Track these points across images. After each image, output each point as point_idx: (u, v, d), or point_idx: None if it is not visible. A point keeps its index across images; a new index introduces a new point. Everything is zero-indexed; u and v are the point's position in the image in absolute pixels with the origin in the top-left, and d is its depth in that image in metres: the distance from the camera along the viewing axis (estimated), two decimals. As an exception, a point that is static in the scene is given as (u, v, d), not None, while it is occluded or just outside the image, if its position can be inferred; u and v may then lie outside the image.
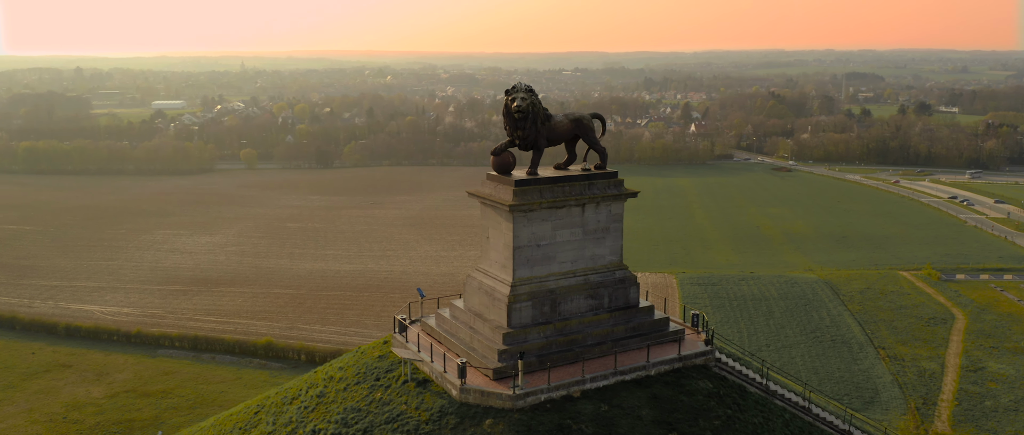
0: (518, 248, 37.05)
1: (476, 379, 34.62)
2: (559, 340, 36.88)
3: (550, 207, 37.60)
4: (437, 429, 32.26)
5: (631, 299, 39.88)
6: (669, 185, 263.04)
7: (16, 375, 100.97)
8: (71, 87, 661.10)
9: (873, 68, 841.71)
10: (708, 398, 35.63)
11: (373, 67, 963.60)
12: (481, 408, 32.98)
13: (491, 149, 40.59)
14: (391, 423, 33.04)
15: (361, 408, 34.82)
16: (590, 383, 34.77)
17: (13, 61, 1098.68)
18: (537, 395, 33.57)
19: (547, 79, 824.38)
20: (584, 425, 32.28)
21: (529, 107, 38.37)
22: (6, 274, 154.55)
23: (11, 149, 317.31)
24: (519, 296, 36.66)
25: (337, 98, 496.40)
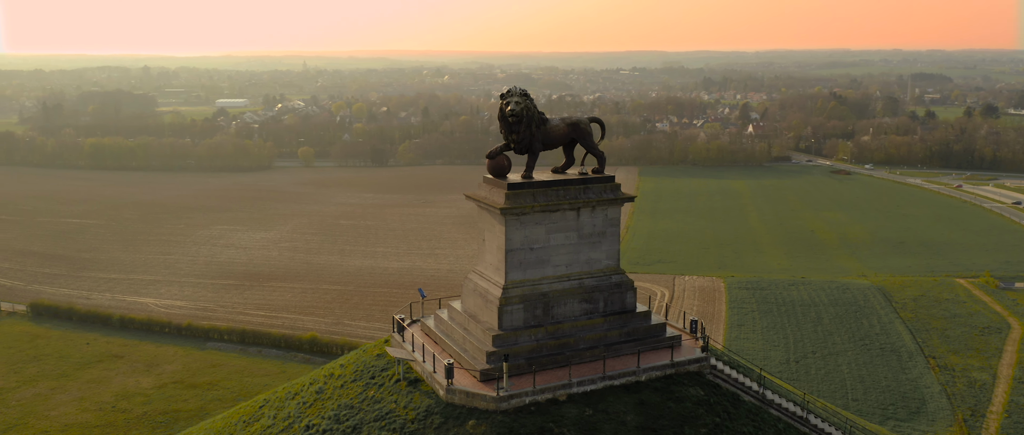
0: (510, 251, 36.97)
1: (464, 380, 34.70)
2: (550, 343, 36.66)
3: (543, 210, 37.40)
4: (422, 428, 32.47)
5: (627, 304, 39.43)
6: (723, 187, 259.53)
7: (70, 364, 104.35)
8: (139, 85, 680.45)
9: (941, 69, 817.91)
10: (697, 405, 35.09)
11: (431, 67, 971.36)
12: (466, 409, 33.06)
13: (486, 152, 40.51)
14: (379, 421, 33.35)
15: (354, 405, 35.22)
16: (577, 387, 34.52)
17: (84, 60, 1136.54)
18: (521, 397, 33.46)
19: (604, 78, 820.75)
20: (566, 429, 32.13)
21: (523, 111, 38.28)
22: (68, 266, 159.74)
23: (78, 145, 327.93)
24: (510, 299, 36.56)
25: (394, 97, 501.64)
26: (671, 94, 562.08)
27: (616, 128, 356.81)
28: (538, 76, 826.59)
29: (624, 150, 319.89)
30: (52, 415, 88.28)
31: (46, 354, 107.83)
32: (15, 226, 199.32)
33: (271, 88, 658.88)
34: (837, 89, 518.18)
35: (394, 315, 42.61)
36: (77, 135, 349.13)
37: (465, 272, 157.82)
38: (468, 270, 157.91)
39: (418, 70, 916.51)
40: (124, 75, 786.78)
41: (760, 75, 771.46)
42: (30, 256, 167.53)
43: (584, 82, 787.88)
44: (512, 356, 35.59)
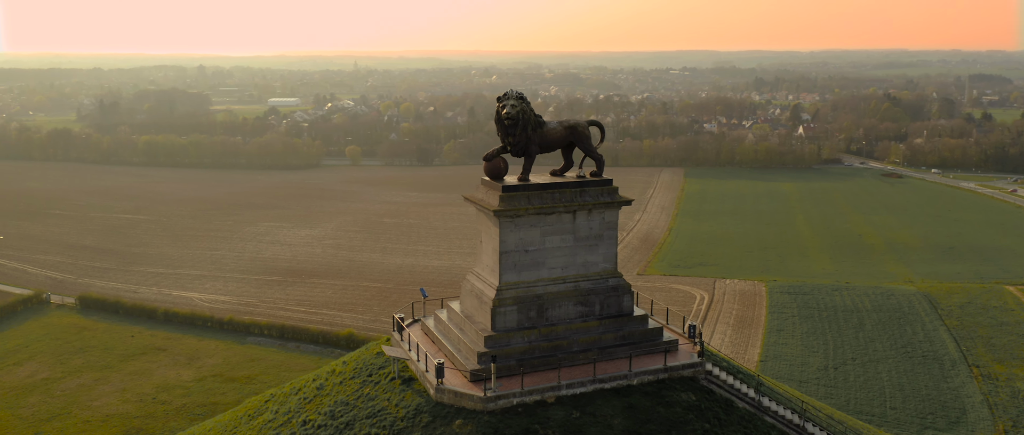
0: (505, 253, 36.99)
1: (455, 380, 34.85)
2: (542, 345, 36.60)
3: (538, 213, 37.34)
4: (410, 426, 32.73)
5: (624, 307, 39.15)
6: (770, 190, 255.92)
7: (115, 356, 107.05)
8: (193, 84, 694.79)
9: (1001, 70, 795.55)
10: (687, 411, 34.69)
11: (479, 67, 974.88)
12: (454, 408, 33.23)
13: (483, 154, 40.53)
14: (371, 418, 33.70)
15: (349, 402, 35.66)
16: (566, 389, 34.42)
17: (142, 59, 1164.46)
18: (509, 398, 33.48)
19: (653, 78, 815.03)
20: (551, 431, 32.08)
21: (519, 114, 38.32)
22: (118, 261, 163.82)
23: (133, 142, 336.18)
24: (504, 300, 36.59)
25: (441, 97, 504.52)
26: (721, 94, 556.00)
27: (662, 129, 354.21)
28: (586, 76, 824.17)
29: (670, 151, 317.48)
30: (94, 405, 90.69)
31: (92, 346, 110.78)
32: (69, 221, 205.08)
33: (322, 88, 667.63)
34: (892, 90, 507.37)
35: (394, 314, 43.02)
36: (132, 132, 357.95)
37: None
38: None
39: (466, 70, 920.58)
40: (180, 74, 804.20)
41: (813, 75, 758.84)
42: (82, 250, 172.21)
43: (633, 82, 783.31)
44: (503, 357, 35.66)
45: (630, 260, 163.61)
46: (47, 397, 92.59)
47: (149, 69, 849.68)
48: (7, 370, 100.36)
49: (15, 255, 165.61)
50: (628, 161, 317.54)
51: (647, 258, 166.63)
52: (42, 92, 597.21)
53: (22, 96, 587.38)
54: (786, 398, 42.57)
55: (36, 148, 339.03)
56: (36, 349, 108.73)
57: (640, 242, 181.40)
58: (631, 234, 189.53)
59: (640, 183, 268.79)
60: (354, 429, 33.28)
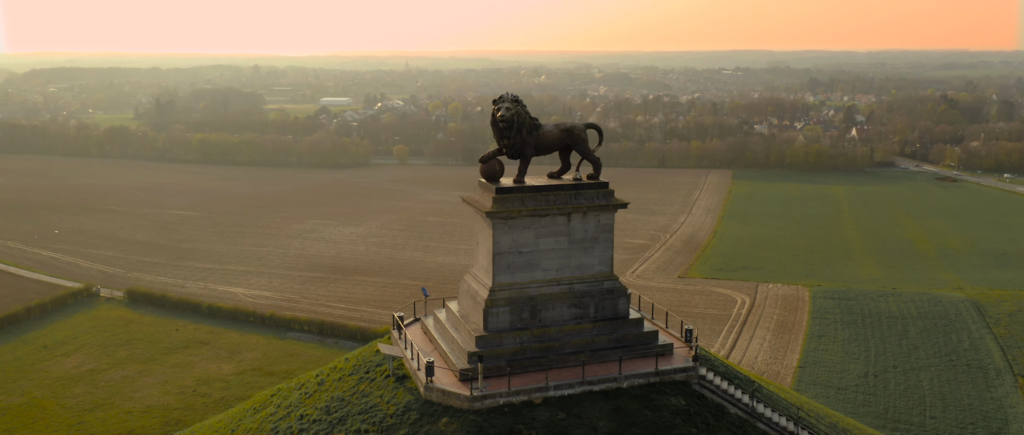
0: (498, 254, 37.09)
1: (446, 379, 35.04)
2: (534, 346, 36.58)
3: (532, 215, 37.36)
4: (399, 423, 33.08)
5: (619, 310, 38.93)
6: (820, 193, 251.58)
7: (159, 349, 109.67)
8: (248, 84, 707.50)
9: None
10: (675, 415, 34.37)
11: (529, 67, 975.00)
12: (442, 407, 33.47)
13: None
14: (363, 414, 34.14)
15: (345, 398, 36.17)
16: (554, 391, 34.37)
17: (199, 59, 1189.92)
18: (496, 398, 33.56)
19: (705, 78, 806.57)
20: (536, 431, 32.13)
21: (513, 117, 38.49)
22: (167, 255, 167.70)
23: (187, 140, 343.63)
24: (497, 301, 36.68)
25: (489, 97, 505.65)
26: (775, 95, 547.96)
27: (711, 130, 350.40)
28: (636, 76, 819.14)
29: (718, 152, 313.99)
30: (136, 397, 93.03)
31: (137, 338, 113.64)
32: (122, 216, 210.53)
33: (373, 87, 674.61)
34: (950, 92, 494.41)
35: (394, 313, 43.43)
36: (186, 131, 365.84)
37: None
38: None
39: (516, 70, 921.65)
40: (235, 74, 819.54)
41: (870, 76, 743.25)
42: (133, 245, 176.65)
43: (684, 82, 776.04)
44: (492, 357, 35.79)
45: (672, 263, 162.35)
46: (91, 388, 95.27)
47: (206, 68, 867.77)
48: (55, 361, 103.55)
49: (68, 249, 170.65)
50: (675, 162, 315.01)
51: (689, 261, 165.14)
52: (102, 91, 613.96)
53: (83, 94, 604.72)
54: (785, 404, 41.87)
55: (94, 145, 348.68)
56: (84, 341, 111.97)
57: (683, 245, 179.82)
58: (674, 237, 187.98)
59: (686, 185, 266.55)
60: (346, 424, 33.86)
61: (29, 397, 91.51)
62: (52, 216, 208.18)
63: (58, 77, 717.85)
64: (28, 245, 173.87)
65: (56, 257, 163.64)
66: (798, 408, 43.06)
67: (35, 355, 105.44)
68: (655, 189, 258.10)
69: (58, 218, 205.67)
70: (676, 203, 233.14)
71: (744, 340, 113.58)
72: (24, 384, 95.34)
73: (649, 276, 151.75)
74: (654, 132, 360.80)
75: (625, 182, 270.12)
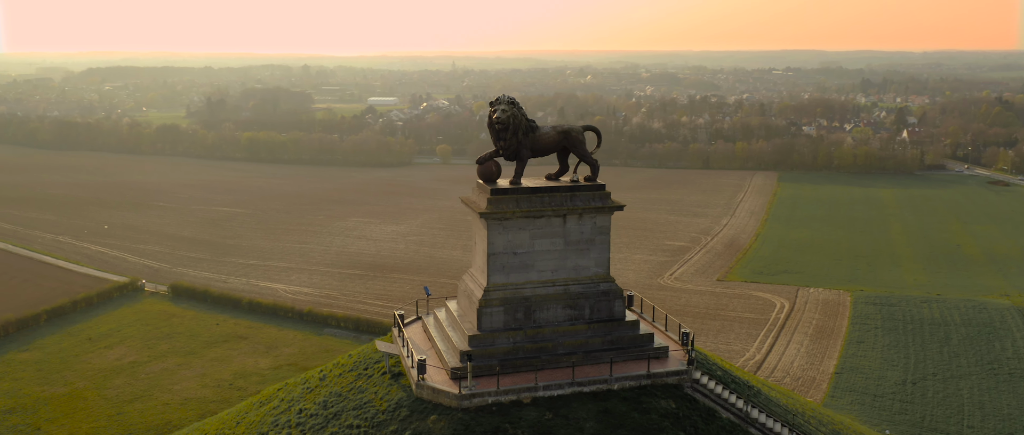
0: (493, 255, 37.30)
1: (438, 377, 35.33)
2: (527, 347, 36.70)
3: (527, 216, 37.49)
4: (389, 419, 33.53)
5: (615, 312, 38.82)
6: (867, 196, 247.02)
7: (199, 343, 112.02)
8: (298, 83, 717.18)
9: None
10: (663, 418, 34.17)
11: (575, 66, 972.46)
12: (432, 404, 33.84)
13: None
14: (357, 410, 34.67)
15: (342, 393, 36.76)
16: (543, 391, 34.45)
17: (251, 59, 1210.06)
18: (484, 397, 33.78)
19: (755, 78, 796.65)
20: (521, 431, 32.28)
21: (509, 119, 38.75)
22: (212, 251, 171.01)
23: (235, 138, 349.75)
24: (491, 301, 36.88)
25: (533, 97, 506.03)
26: (826, 95, 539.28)
27: (757, 131, 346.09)
28: (684, 75, 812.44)
29: (764, 154, 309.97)
30: (175, 389, 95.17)
31: (178, 332, 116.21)
32: (170, 212, 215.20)
33: (420, 87, 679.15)
34: (1006, 94, 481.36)
35: (395, 311, 43.92)
36: (236, 129, 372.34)
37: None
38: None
39: (562, 70, 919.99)
40: (285, 73, 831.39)
41: (924, 77, 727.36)
42: (179, 241, 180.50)
43: (733, 82, 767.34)
44: (484, 357, 36.04)
45: (711, 266, 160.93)
46: (132, 379, 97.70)
47: (257, 68, 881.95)
48: (98, 353, 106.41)
49: (117, 244, 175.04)
50: (720, 164, 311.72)
51: (729, 264, 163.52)
52: (156, 89, 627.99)
53: (137, 93, 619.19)
54: (784, 410, 41.33)
55: (145, 142, 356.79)
56: (127, 334, 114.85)
57: (724, 247, 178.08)
58: (716, 239, 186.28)
59: (730, 187, 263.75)
60: (340, 419, 34.49)
61: (72, 387, 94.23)
62: (103, 212, 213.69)
63: (114, 76, 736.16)
64: (78, 240, 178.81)
65: (105, 252, 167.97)
66: (794, 413, 42.47)
67: (80, 347, 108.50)
68: (698, 191, 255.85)
69: (108, 214, 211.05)
70: (719, 205, 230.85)
71: (781, 345, 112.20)
72: (68, 375, 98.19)
73: (687, 279, 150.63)
74: (699, 133, 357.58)
75: (668, 183, 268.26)
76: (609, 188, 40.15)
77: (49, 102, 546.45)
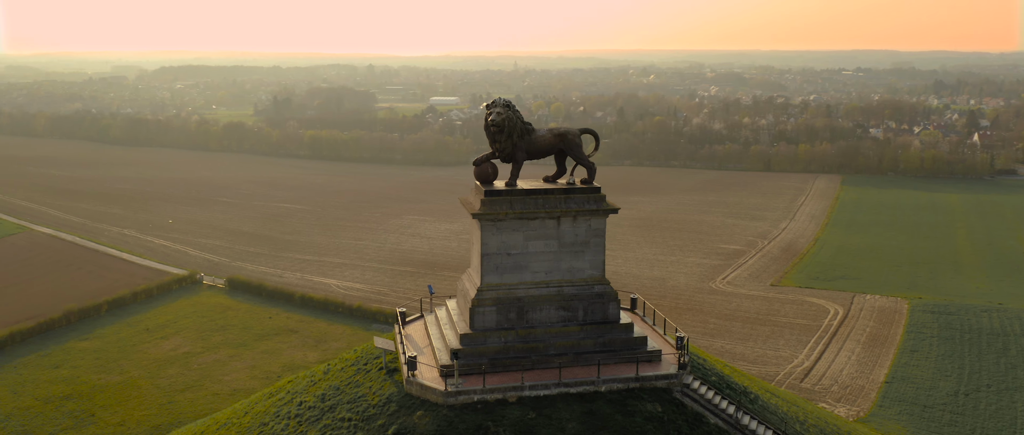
0: (486, 255, 37.63)
1: (428, 374, 35.79)
2: (518, 346, 36.91)
3: (520, 217, 37.70)
4: (379, 413, 34.22)
5: (609, 315, 38.73)
6: (933, 201, 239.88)
7: (251, 335, 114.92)
8: (362, 83, 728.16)
9: None
10: (648, 421, 33.98)
11: (638, 66, 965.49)
12: (420, 400, 34.36)
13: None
14: (351, 403, 35.49)
15: (340, 387, 37.59)
16: (529, 390, 34.60)
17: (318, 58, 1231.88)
18: (470, 395, 34.13)
19: (823, 79, 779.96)
20: (503, 429, 32.56)
21: (504, 121, 39.07)
22: (270, 246, 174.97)
23: (299, 136, 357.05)
24: (483, 301, 37.22)
25: (593, 97, 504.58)
26: (896, 97, 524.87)
27: (822, 133, 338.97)
28: (750, 76, 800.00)
29: (828, 157, 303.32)
30: (225, 380, 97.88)
31: (232, 324, 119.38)
32: (233, 208, 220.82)
33: (481, 87, 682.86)
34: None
35: (397, 308, 44.61)
36: (300, 127, 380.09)
37: (629, 275, 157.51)
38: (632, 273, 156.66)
39: (624, 69, 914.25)
40: (351, 73, 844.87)
41: (1001, 79, 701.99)
42: (240, 236, 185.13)
43: (801, 82, 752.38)
44: (475, 355, 36.41)
45: (766, 270, 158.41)
46: (185, 369, 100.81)
47: (323, 68, 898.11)
48: (154, 343, 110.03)
49: (180, 238, 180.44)
50: (781, 166, 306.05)
51: (784, 269, 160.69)
52: (225, 88, 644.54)
53: (207, 91, 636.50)
54: (781, 418, 40.66)
55: (213, 139, 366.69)
56: (182, 325, 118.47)
57: (781, 252, 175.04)
58: (773, 243, 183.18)
59: (791, 190, 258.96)
60: (335, 412, 35.42)
61: (127, 376, 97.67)
62: (168, 206, 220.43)
63: (185, 74, 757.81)
64: (143, 233, 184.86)
65: (167, 245, 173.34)
66: (795, 421, 41.81)
67: (137, 337, 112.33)
68: (758, 193, 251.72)
69: (173, 208, 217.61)
70: (779, 209, 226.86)
71: (831, 353, 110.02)
72: (124, 364, 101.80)
73: (740, 283, 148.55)
74: (761, 134, 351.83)
75: (726, 186, 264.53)
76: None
77: (123, 99, 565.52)
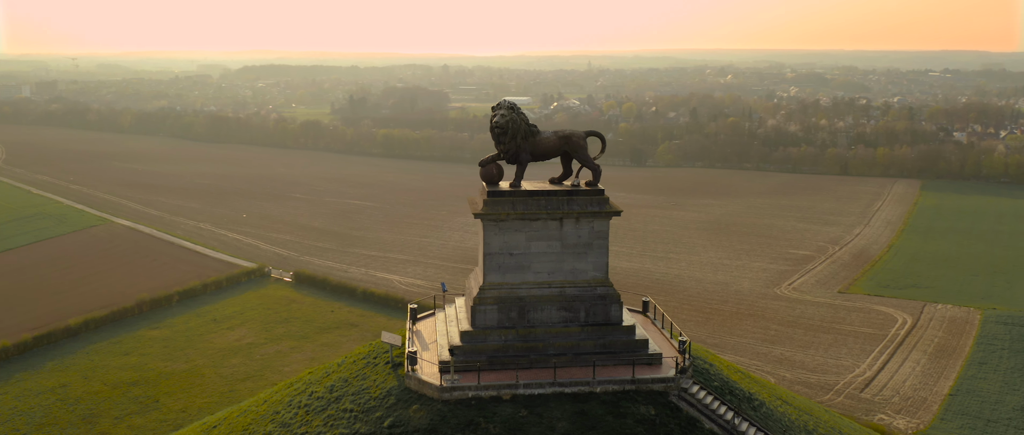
0: (489, 255, 38.00)
1: (428, 369, 36.28)
2: (517, 345, 37.14)
3: (522, 218, 37.95)
4: (378, 406, 35.08)
5: (611, 317, 38.61)
6: (1016, 208, 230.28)
7: (313, 328, 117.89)
8: (437, 82, 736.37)
9: None
10: (639, 424, 33.82)
11: (716, 66, 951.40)
12: (417, 395, 34.90)
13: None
14: (355, 395, 36.44)
15: (348, 380, 38.67)
16: (524, 389, 34.79)
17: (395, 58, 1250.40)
18: (465, 391, 34.56)
19: (909, 80, 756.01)
20: (493, 425, 32.90)
21: (508, 124, 39.45)
22: (338, 242, 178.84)
23: (372, 135, 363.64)
24: (485, 299, 37.57)
25: (666, 97, 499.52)
26: (982, 100, 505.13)
27: (902, 136, 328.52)
28: (832, 76, 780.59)
29: (907, 161, 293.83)
30: (284, 371, 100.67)
31: (296, 317, 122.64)
32: (305, 204, 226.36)
33: (553, 87, 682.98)
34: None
35: (409, 304, 45.40)
36: (373, 126, 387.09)
37: (692, 279, 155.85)
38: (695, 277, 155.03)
39: (701, 69, 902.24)
40: (426, 73, 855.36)
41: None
42: (309, 231, 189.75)
43: (885, 83, 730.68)
44: (474, 352, 36.86)
45: (834, 277, 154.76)
46: (247, 359, 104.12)
47: (399, 67, 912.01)
48: (220, 333, 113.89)
49: (252, 232, 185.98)
50: (859, 170, 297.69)
51: (854, 276, 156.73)
52: (304, 87, 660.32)
53: (287, 90, 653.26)
54: (787, 426, 39.84)
55: (289, 137, 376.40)
56: (248, 316, 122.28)
57: (852, 258, 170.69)
58: (844, 249, 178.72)
59: (868, 194, 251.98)
60: (339, 403, 36.57)
61: (192, 364, 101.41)
62: (243, 201, 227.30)
63: (267, 74, 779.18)
64: (217, 227, 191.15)
65: (239, 239, 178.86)
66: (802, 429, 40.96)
67: (204, 327, 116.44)
68: (832, 198, 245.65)
69: (248, 203, 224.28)
70: (853, 214, 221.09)
71: (895, 363, 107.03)
72: (190, 352, 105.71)
73: (806, 289, 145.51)
74: (839, 137, 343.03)
75: (800, 190, 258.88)
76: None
77: (206, 97, 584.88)
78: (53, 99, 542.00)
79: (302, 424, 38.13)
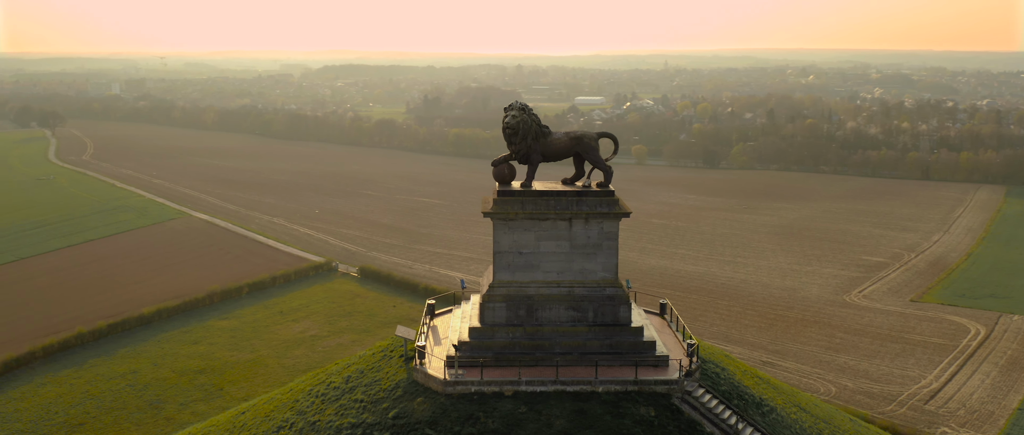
0: (498, 253, 38.37)
1: (436, 364, 36.86)
2: (524, 343, 37.41)
3: (532, 218, 38.19)
4: (386, 397, 36.05)
5: (620, 317, 38.51)
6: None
7: (374, 322, 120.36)
8: (510, 82, 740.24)
9: None
10: (637, 425, 33.71)
11: (797, 66, 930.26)
12: (423, 388, 35.52)
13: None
14: (367, 387, 37.56)
15: (364, 371, 39.88)
16: (526, 386, 35.03)
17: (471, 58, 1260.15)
18: (467, 386, 35.04)
19: (1000, 82, 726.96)
20: (491, 420, 33.29)
21: (519, 124, 39.77)
22: (405, 238, 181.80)
23: (444, 134, 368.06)
24: (494, 297, 37.97)
25: (743, 97, 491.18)
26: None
27: (988, 140, 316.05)
28: (919, 77, 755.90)
29: (992, 166, 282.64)
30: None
31: (359, 311, 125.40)
32: (376, 200, 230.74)
33: (628, 87, 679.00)
34: None
35: (428, 300, 46.20)
36: (445, 125, 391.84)
37: (758, 284, 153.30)
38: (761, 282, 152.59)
39: (782, 69, 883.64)
40: (500, 73, 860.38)
41: None
42: (379, 227, 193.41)
43: (974, 85, 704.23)
44: (481, 349, 37.36)
45: (907, 285, 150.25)
46: (309, 351, 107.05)
47: (474, 67, 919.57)
48: (286, 325, 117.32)
49: (323, 227, 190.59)
50: (941, 175, 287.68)
51: (928, 284, 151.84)
52: (381, 86, 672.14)
53: (365, 89, 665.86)
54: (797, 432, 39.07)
55: (364, 135, 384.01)
56: (313, 309, 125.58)
57: (928, 266, 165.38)
58: (920, 257, 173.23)
59: (949, 200, 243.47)
60: (352, 393, 37.82)
61: (256, 355, 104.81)
62: (316, 197, 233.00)
63: (345, 73, 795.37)
64: (290, 221, 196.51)
65: (310, 234, 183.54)
66: None
67: (271, 319, 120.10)
68: (911, 204, 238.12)
69: (321, 199, 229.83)
70: (933, 220, 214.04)
71: (964, 375, 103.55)
72: (255, 343, 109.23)
73: (877, 297, 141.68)
74: (921, 141, 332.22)
75: (878, 194, 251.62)
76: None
77: (287, 96, 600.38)
78: (141, 96, 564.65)
79: (316, 412, 39.94)
